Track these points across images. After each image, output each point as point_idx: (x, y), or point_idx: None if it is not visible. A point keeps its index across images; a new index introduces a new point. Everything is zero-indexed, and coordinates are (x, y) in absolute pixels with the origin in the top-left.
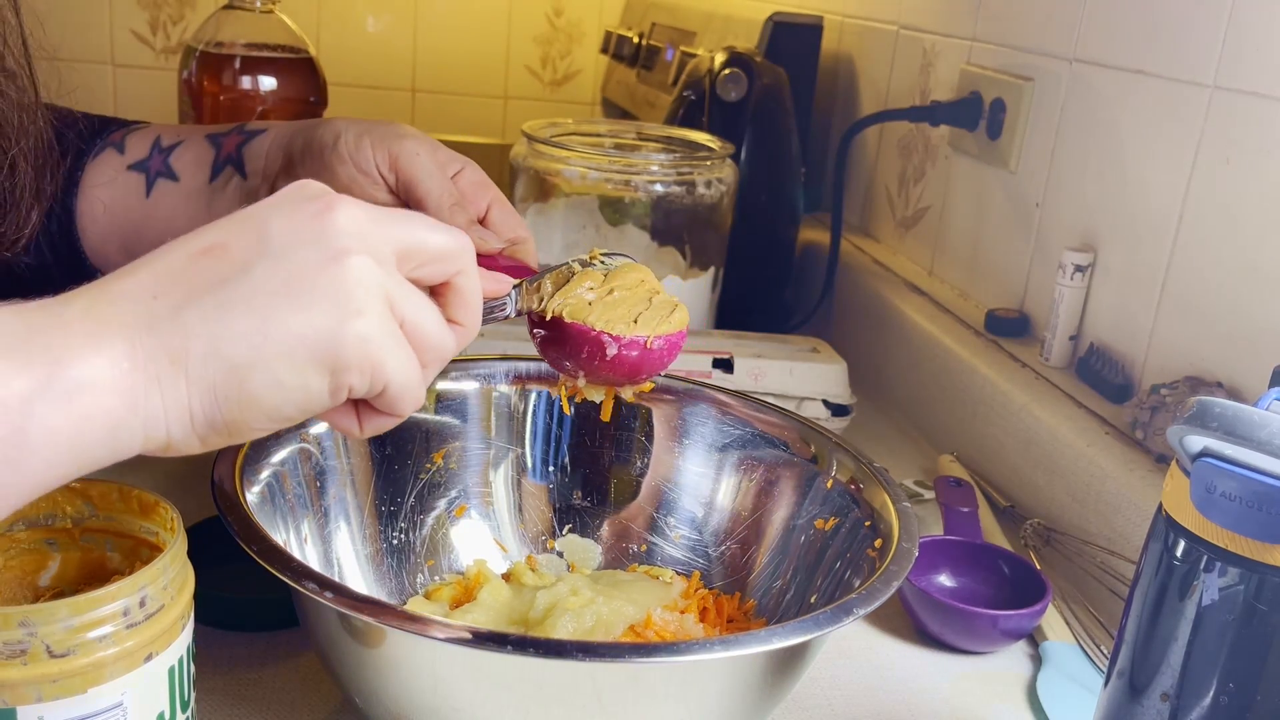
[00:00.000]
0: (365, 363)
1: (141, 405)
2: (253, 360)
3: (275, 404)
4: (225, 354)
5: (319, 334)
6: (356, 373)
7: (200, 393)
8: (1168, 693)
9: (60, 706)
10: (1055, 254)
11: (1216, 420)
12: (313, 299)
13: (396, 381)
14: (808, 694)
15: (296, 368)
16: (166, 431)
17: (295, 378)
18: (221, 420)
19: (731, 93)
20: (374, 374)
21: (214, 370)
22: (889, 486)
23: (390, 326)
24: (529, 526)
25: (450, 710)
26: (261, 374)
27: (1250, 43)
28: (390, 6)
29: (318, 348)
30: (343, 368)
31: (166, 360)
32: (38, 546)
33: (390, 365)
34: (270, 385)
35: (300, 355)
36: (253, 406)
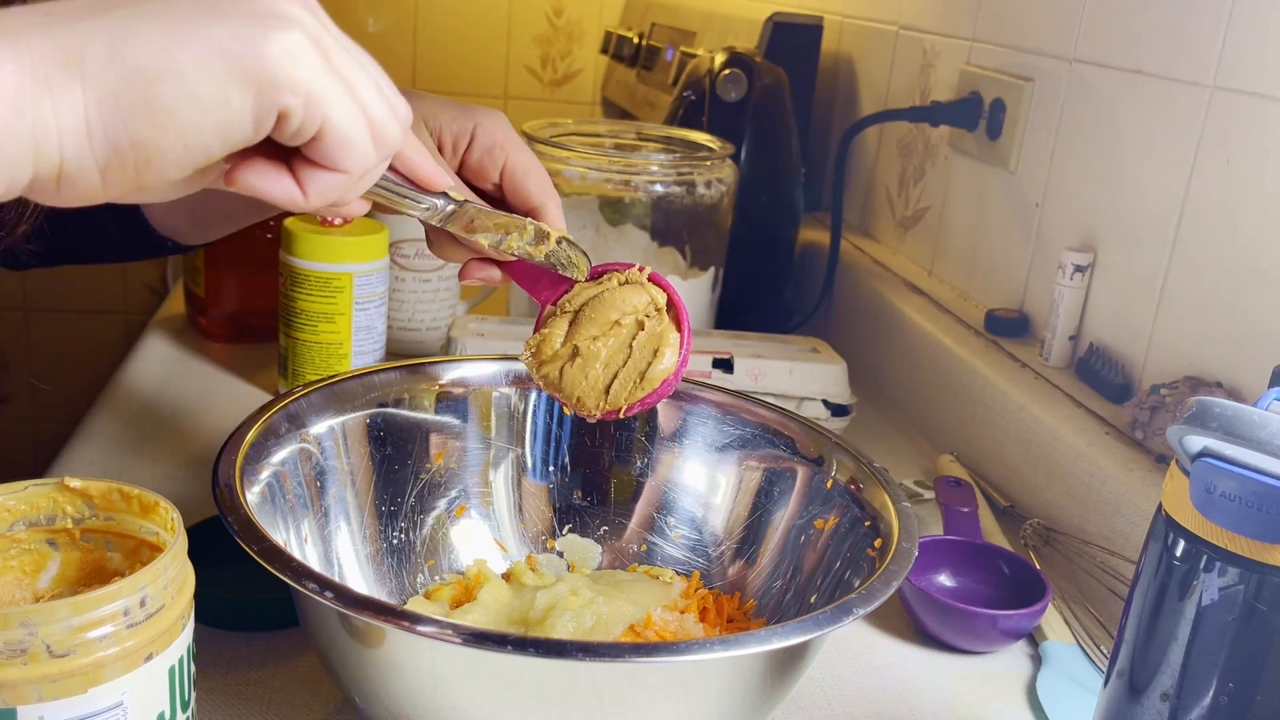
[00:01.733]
0: (294, 82)
1: (29, 109)
2: (162, 65)
3: (190, 121)
4: (129, 57)
5: (239, 41)
6: (287, 92)
7: (99, 99)
8: (1167, 693)
9: (60, 706)
10: (1055, 254)
11: (1216, 420)
12: (235, 11)
13: (337, 113)
14: (808, 694)
15: (213, 77)
16: (59, 148)
17: (212, 89)
18: (126, 139)
19: (731, 93)
20: (307, 100)
21: (115, 74)
22: (889, 486)
23: (322, 58)
24: (529, 526)
25: (450, 710)
26: (172, 82)
27: (1250, 43)
28: (390, 6)
29: (239, 56)
30: (268, 84)
31: (59, 62)
32: (38, 546)
33: (328, 92)
34: (182, 96)
35: (217, 63)
36: (163, 122)
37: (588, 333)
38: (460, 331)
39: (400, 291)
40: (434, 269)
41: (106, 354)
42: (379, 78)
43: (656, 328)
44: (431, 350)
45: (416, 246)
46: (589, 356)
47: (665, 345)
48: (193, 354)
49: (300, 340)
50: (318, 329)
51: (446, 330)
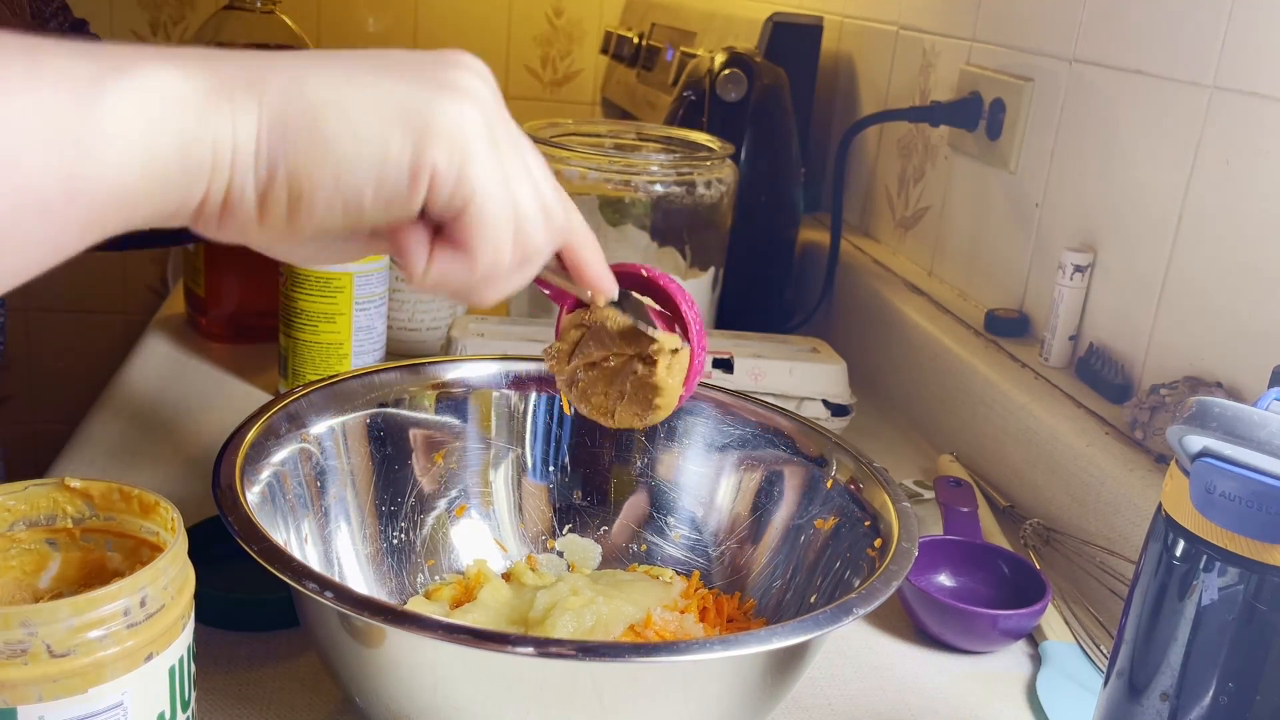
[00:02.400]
0: (455, 142)
1: (211, 120)
2: (331, 99)
3: (346, 156)
4: (305, 89)
5: (412, 96)
6: (445, 151)
7: (270, 123)
8: (1167, 692)
9: (61, 706)
10: (1055, 254)
11: (1216, 420)
12: (416, 77)
13: (483, 192)
14: (808, 694)
15: (377, 118)
16: (230, 166)
17: (374, 128)
18: (283, 167)
19: (731, 93)
20: (461, 164)
21: (290, 100)
22: (889, 486)
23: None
24: (529, 526)
25: (450, 710)
26: (336, 113)
27: (1250, 43)
28: (390, 6)
29: (407, 106)
30: (430, 137)
31: (243, 83)
32: (38, 546)
33: (482, 171)
34: (345, 132)
35: (386, 108)
36: (320, 154)
37: (589, 358)
38: (460, 331)
39: (400, 291)
40: None
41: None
42: (541, 179)
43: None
44: (431, 350)
45: None
46: (589, 383)
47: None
48: (193, 354)
49: (300, 340)
50: (318, 329)
51: (446, 330)
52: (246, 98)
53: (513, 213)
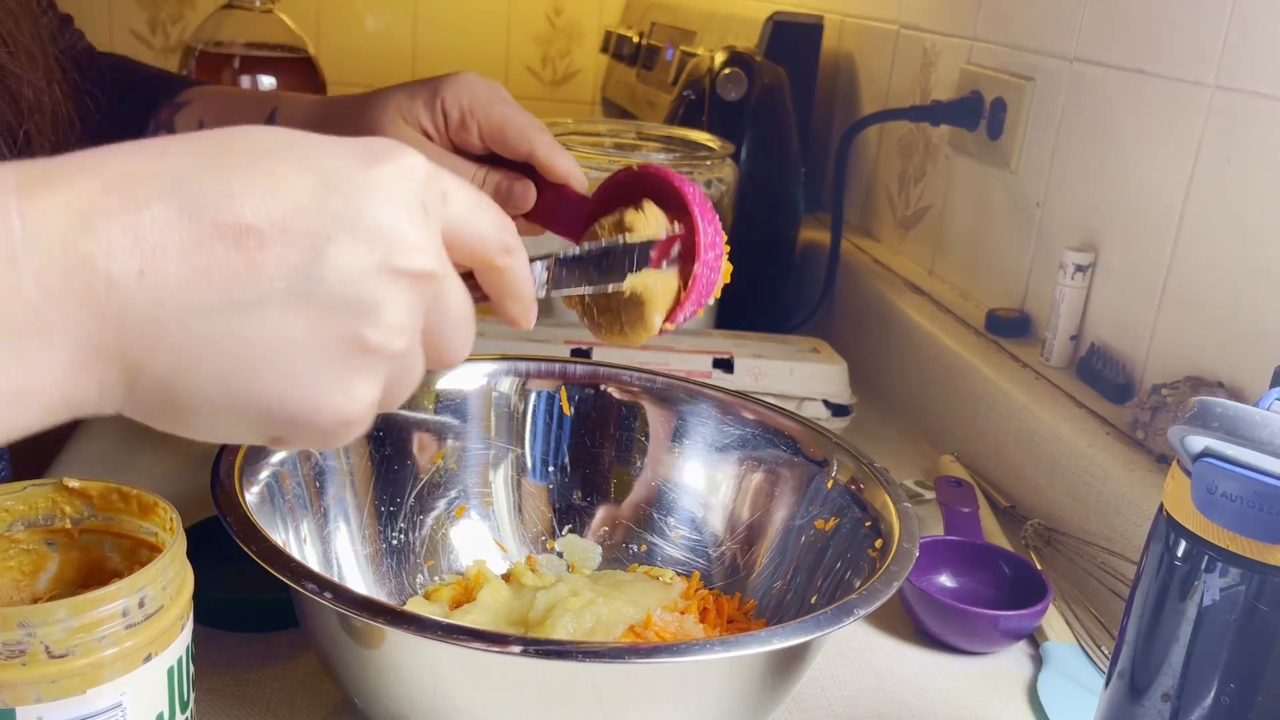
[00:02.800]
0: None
1: (77, 399)
2: (199, 409)
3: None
4: (178, 394)
5: (286, 413)
6: (300, 444)
7: (136, 408)
8: (1169, 693)
9: (59, 707)
10: (1056, 254)
11: (1217, 420)
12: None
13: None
14: (808, 694)
15: (240, 427)
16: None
17: (233, 434)
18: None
19: (731, 92)
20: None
21: (159, 400)
22: (889, 486)
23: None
24: (529, 526)
25: (450, 710)
26: (204, 421)
27: (1251, 42)
28: (390, 6)
29: (274, 423)
30: (287, 441)
31: (118, 368)
32: (37, 547)
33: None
34: (206, 431)
35: (251, 421)
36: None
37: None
38: None
39: None
40: None
41: None
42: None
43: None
44: None
45: None
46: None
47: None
48: None
49: None
50: None
51: None
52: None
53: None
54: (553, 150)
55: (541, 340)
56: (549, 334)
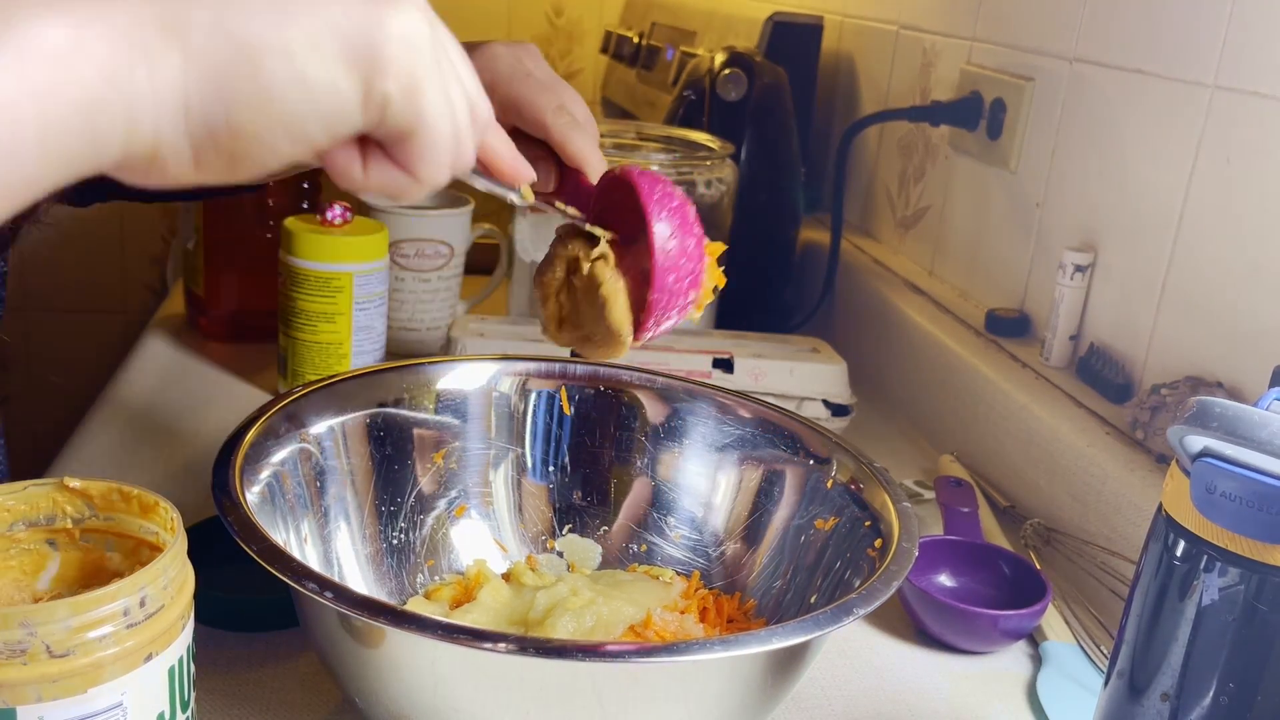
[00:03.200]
0: (406, 69)
1: (124, 80)
2: (270, 41)
3: (295, 108)
4: (236, 30)
5: (354, 18)
6: (394, 79)
7: (200, 74)
8: (1168, 693)
9: (60, 706)
10: (1055, 254)
11: (1217, 420)
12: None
13: (432, 114)
14: (808, 694)
15: (324, 57)
16: (154, 128)
17: (322, 71)
18: (224, 125)
19: (731, 93)
20: (412, 91)
21: (220, 48)
22: (889, 486)
23: (438, 42)
24: (529, 526)
25: (450, 710)
26: (280, 60)
27: (1251, 42)
28: None
29: (353, 36)
30: (380, 68)
31: (157, 26)
32: (38, 546)
33: (431, 86)
34: (290, 79)
35: (329, 44)
36: (267, 108)
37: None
38: (460, 331)
39: (400, 291)
40: (434, 269)
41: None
42: (469, 82)
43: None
44: (431, 350)
45: (416, 246)
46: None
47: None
48: (193, 354)
49: (300, 340)
50: (318, 329)
51: (446, 330)
52: (165, 46)
53: (454, 130)
54: (569, 131)
55: (542, 340)
56: None
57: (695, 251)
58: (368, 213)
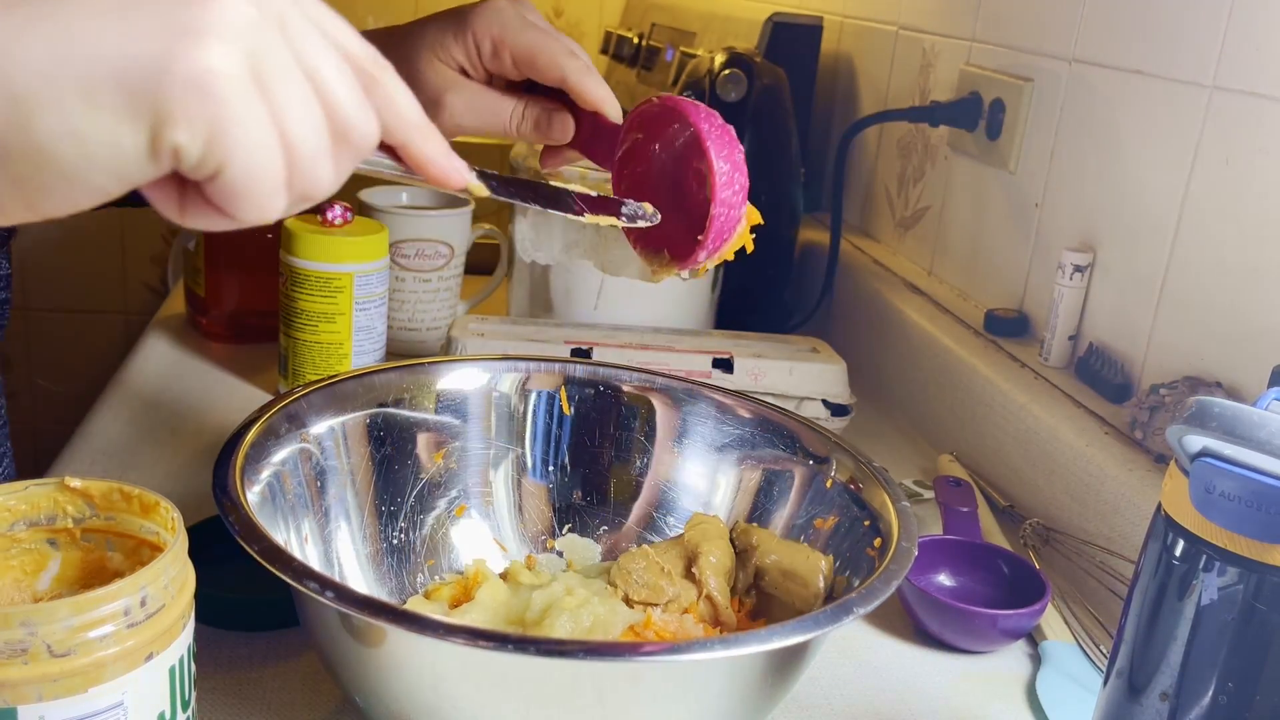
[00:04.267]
0: (198, 117)
1: None
2: (39, 90)
3: (71, 162)
4: (10, 77)
5: (137, 63)
6: (185, 129)
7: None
8: (1167, 692)
9: (61, 706)
10: (1054, 254)
11: (1216, 420)
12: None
13: (240, 161)
14: (807, 694)
15: (98, 110)
16: None
17: (96, 125)
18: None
19: (731, 93)
20: (209, 139)
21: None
22: (888, 486)
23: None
24: (529, 526)
25: (450, 710)
26: (52, 113)
27: (1250, 43)
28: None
29: (130, 81)
30: (165, 118)
31: None
32: (38, 546)
33: (235, 132)
34: (64, 133)
35: (105, 92)
36: (42, 162)
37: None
38: (460, 331)
39: (400, 291)
40: (434, 269)
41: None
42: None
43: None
44: (431, 350)
45: (417, 247)
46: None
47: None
48: (193, 354)
49: (300, 340)
50: (318, 329)
51: (446, 330)
52: None
53: (280, 163)
54: (584, 76)
55: (541, 340)
56: (549, 334)
57: (741, 182)
58: (368, 213)
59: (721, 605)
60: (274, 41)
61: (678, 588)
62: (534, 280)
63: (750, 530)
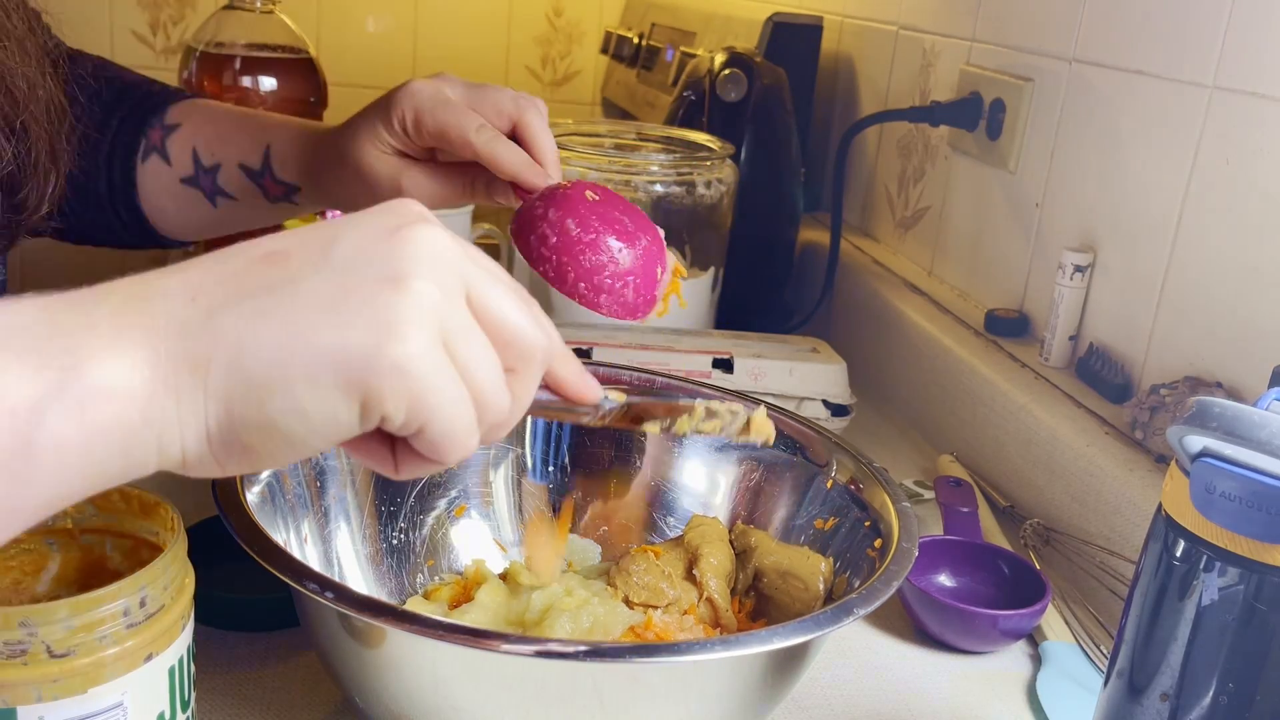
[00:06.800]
0: (402, 393)
1: (157, 417)
2: (272, 378)
3: (297, 433)
4: (247, 367)
5: (351, 354)
6: (391, 403)
7: (217, 409)
8: (1167, 693)
9: (60, 706)
10: (1055, 254)
11: (1216, 420)
12: (356, 317)
13: (439, 420)
14: (808, 694)
15: (321, 392)
16: (181, 448)
17: (319, 404)
18: (239, 444)
19: (731, 93)
20: (411, 408)
21: (234, 385)
22: (889, 486)
23: (439, 358)
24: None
25: (450, 710)
26: (282, 396)
27: (1250, 43)
28: (390, 6)
29: (347, 369)
30: (375, 396)
31: (188, 369)
32: (38, 546)
33: (432, 400)
34: (291, 410)
35: (325, 377)
36: (272, 433)
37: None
38: None
39: None
40: None
41: None
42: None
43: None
44: None
45: None
46: None
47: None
48: None
49: None
50: None
51: None
52: (191, 386)
53: (471, 411)
54: (494, 148)
55: None
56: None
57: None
58: None
59: (722, 608)
60: (456, 310)
61: (678, 590)
62: (534, 280)
63: (749, 531)
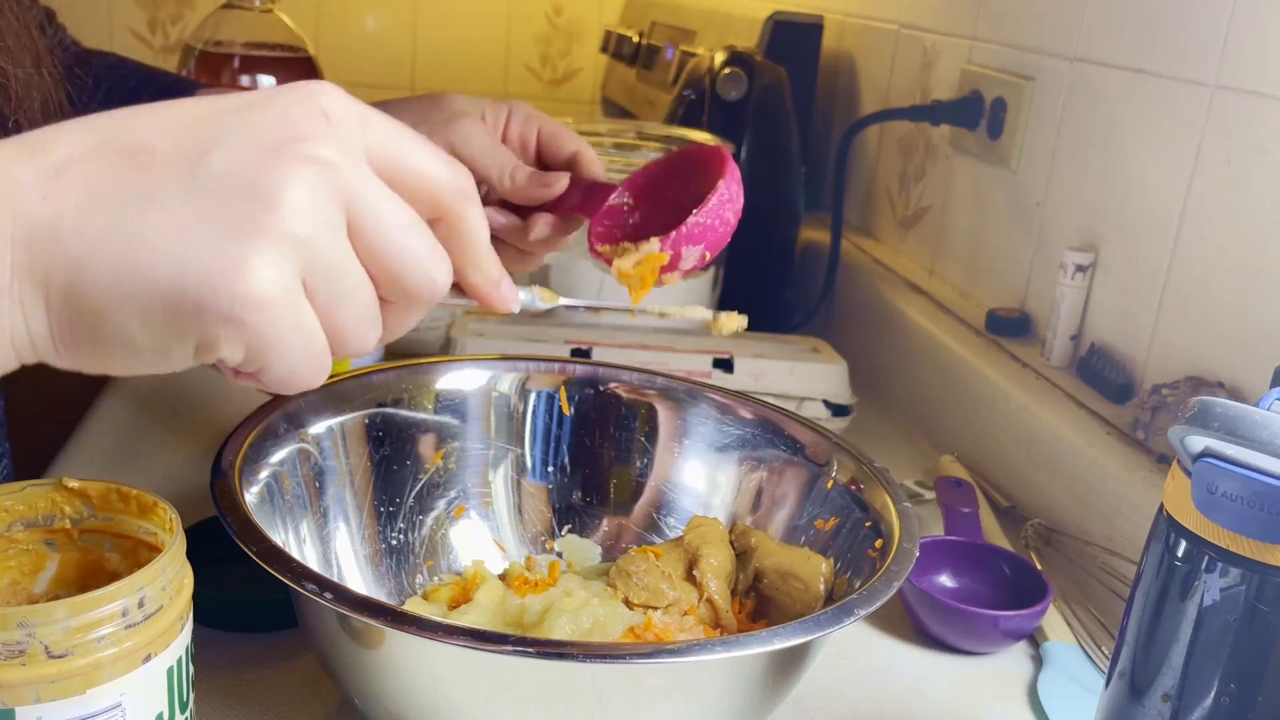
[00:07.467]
0: (237, 339)
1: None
2: (106, 308)
3: (130, 361)
4: (83, 294)
5: (185, 295)
6: (226, 348)
7: (59, 324)
8: (1169, 693)
9: (59, 707)
10: (1056, 254)
11: (1218, 420)
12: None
13: (278, 366)
14: (808, 695)
15: (152, 329)
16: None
17: (150, 340)
18: (83, 355)
19: (731, 92)
20: (248, 354)
21: (70, 307)
22: (889, 487)
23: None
24: (528, 527)
25: (449, 711)
26: (114, 326)
27: (1251, 42)
28: (389, 5)
29: (178, 310)
30: (209, 341)
31: (30, 282)
32: (36, 547)
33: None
34: (123, 341)
35: (157, 315)
36: (110, 352)
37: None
38: (460, 331)
39: None
40: None
41: None
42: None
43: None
44: (431, 350)
45: None
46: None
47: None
48: None
49: None
50: None
51: (446, 330)
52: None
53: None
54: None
55: (541, 340)
56: (549, 334)
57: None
58: None
59: (723, 609)
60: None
61: (678, 591)
62: (533, 279)
63: (750, 532)
